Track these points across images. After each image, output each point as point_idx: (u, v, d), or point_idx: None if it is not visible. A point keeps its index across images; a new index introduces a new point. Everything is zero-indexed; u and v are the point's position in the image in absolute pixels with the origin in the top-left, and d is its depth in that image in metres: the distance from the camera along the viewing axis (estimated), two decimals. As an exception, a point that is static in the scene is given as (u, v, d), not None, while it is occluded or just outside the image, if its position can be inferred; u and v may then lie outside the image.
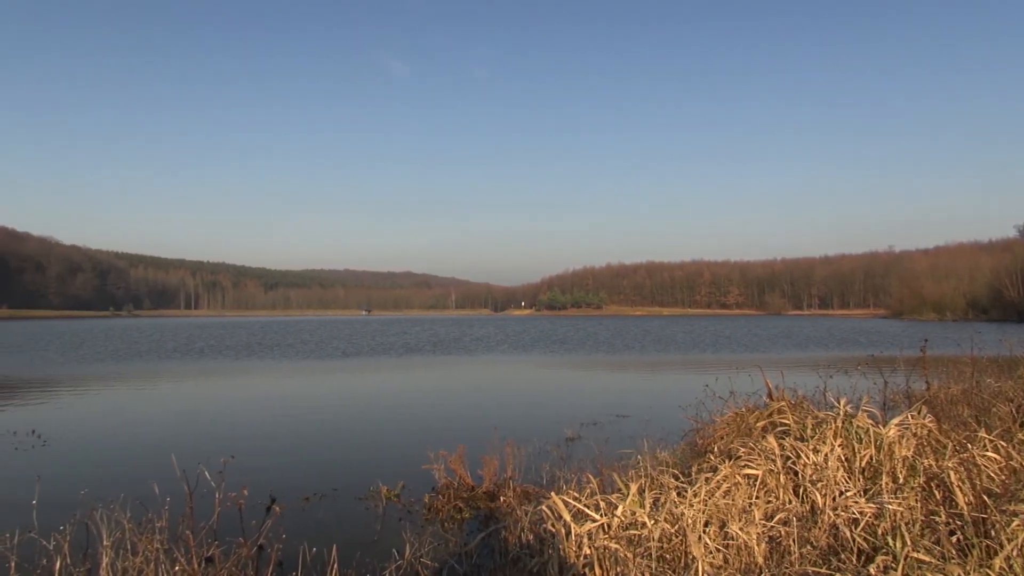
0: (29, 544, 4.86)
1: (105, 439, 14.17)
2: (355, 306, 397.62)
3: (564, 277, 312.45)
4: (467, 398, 21.05)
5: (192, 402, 20.72)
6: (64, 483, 9.78)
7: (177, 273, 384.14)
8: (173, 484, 5.65)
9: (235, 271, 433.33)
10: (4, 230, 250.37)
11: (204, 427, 15.73)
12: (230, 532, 5.05)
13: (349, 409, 18.44)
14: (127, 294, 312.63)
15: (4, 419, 16.33)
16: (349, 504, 9.09)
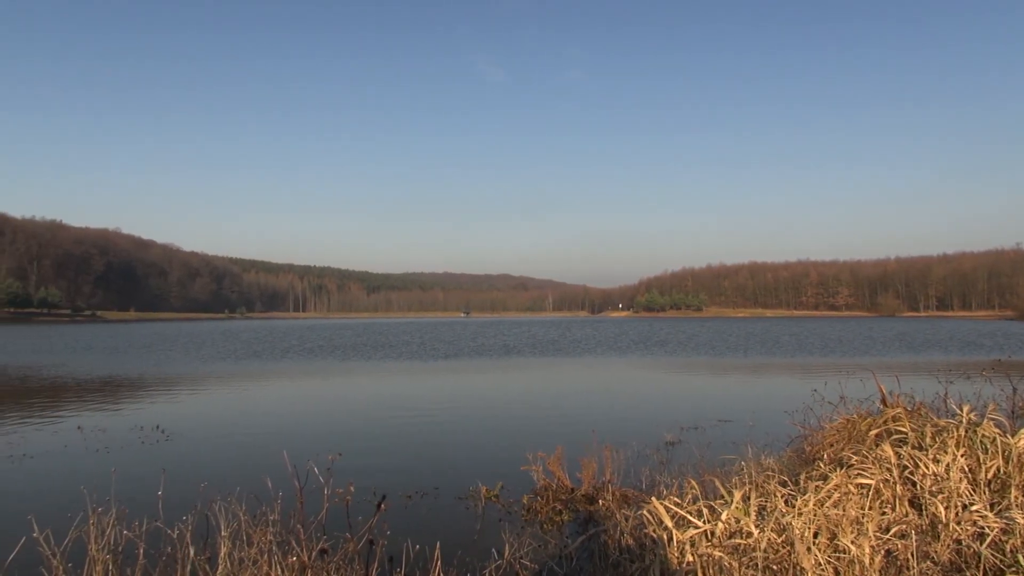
0: (156, 532, 5.19)
1: (222, 435, 14.95)
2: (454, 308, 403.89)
3: (662, 279, 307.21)
4: (564, 400, 21.02)
5: (302, 401, 21.57)
6: (186, 476, 10.37)
7: (286, 277, 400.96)
8: (285, 479, 5.91)
9: (339, 275, 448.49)
10: (131, 238, 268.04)
11: (313, 425, 16.35)
12: (338, 527, 5.22)
13: (449, 409, 18.75)
14: (241, 297, 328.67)
15: (132, 416, 17.47)
16: (450, 503, 9.24)
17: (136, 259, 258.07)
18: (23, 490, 10.09)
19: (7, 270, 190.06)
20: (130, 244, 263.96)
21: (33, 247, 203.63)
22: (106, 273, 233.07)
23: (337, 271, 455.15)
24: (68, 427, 15.49)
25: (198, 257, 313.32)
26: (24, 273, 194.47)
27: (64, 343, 57.18)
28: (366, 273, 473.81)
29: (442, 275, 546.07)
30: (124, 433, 14.62)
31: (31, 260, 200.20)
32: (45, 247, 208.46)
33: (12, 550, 4.62)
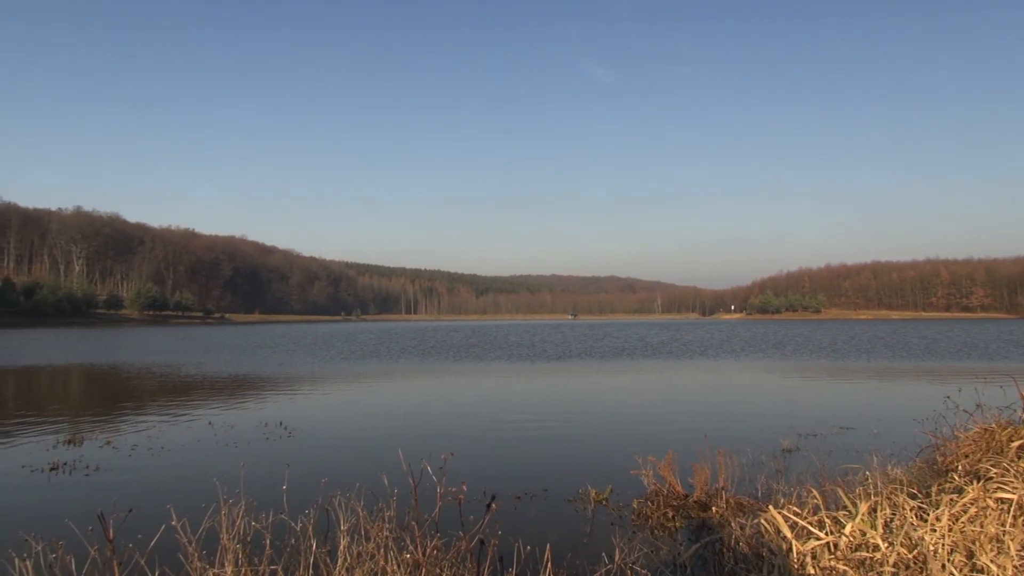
0: (280, 525, 5.45)
1: (341, 432, 15.55)
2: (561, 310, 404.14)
3: (777, 279, 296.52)
4: (675, 403, 20.62)
5: (417, 400, 22.14)
6: (308, 471, 10.84)
7: (398, 281, 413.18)
8: (400, 477, 6.08)
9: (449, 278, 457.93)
10: (256, 245, 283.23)
11: (427, 424, 16.75)
12: (451, 525, 5.33)
13: (558, 411, 18.77)
14: (356, 300, 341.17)
15: (257, 413, 18.44)
16: (559, 505, 9.24)
17: (260, 264, 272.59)
18: (162, 481, 10.83)
19: (147, 276, 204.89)
20: (254, 250, 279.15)
21: (169, 254, 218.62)
22: (233, 278, 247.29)
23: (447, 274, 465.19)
24: (200, 422, 16.52)
25: (316, 262, 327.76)
26: (161, 278, 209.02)
27: (197, 344, 61.05)
28: (475, 276, 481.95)
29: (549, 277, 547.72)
30: (250, 429, 15.45)
31: (167, 266, 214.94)
32: (180, 254, 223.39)
33: (154, 537, 4.97)
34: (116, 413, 18.86)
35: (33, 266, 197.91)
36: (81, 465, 11.71)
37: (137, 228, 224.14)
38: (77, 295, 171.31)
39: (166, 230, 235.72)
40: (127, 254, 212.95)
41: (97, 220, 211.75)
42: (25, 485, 10.49)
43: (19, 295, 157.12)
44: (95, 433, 15.01)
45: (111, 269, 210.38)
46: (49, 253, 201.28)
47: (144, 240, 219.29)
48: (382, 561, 4.92)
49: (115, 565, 4.46)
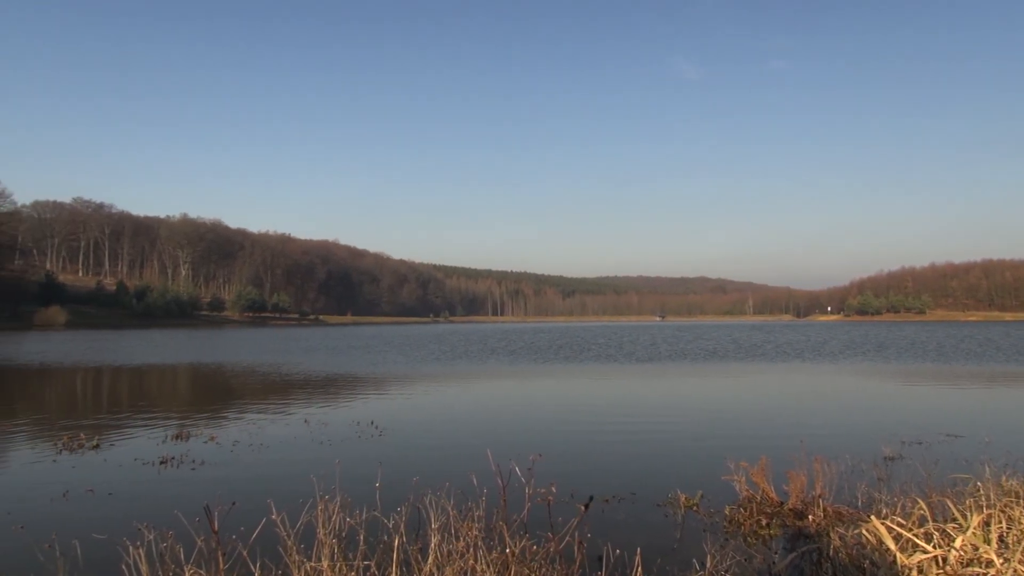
0: (374, 521, 5.59)
1: (431, 431, 15.82)
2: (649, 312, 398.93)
3: (877, 279, 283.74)
4: (768, 407, 20.02)
5: (505, 401, 22.30)
6: (399, 470, 11.07)
7: (485, 283, 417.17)
8: (489, 476, 6.13)
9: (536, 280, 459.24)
10: (348, 248, 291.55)
11: (515, 424, 16.83)
12: (539, 526, 5.34)
13: (647, 413, 18.53)
14: (444, 302, 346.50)
15: (350, 411, 18.97)
16: (647, 509, 9.12)
17: (352, 267, 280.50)
18: (262, 476, 11.28)
19: (247, 279, 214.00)
20: (347, 254, 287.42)
21: (267, 258, 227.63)
22: (327, 280, 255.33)
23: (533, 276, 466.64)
24: (296, 420, 17.12)
25: (406, 265, 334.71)
26: (260, 281, 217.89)
27: (294, 344, 63.32)
28: (561, 278, 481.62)
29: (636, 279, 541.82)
30: (343, 427, 15.91)
31: (266, 270, 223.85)
32: (277, 258, 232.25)
33: (255, 529, 5.18)
34: (219, 410, 19.77)
35: (144, 270, 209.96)
36: (188, 459, 12.33)
37: (238, 233, 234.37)
38: (183, 298, 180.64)
39: (264, 235, 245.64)
40: (228, 258, 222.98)
41: (201, 226, 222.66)
42: (138, 477, 11.13)
43: (132, 298, 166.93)
44: (200, 429, 15.78)
45: (214, 273, 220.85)
46: (158, 258, 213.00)
47: (244, 245, 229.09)
48: (472, 560, 4.98)
49: (220, 555, 4.67)
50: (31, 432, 15.84)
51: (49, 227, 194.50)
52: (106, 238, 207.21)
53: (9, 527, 8.14)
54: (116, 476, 11.17)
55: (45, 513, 8.97)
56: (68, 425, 16.33)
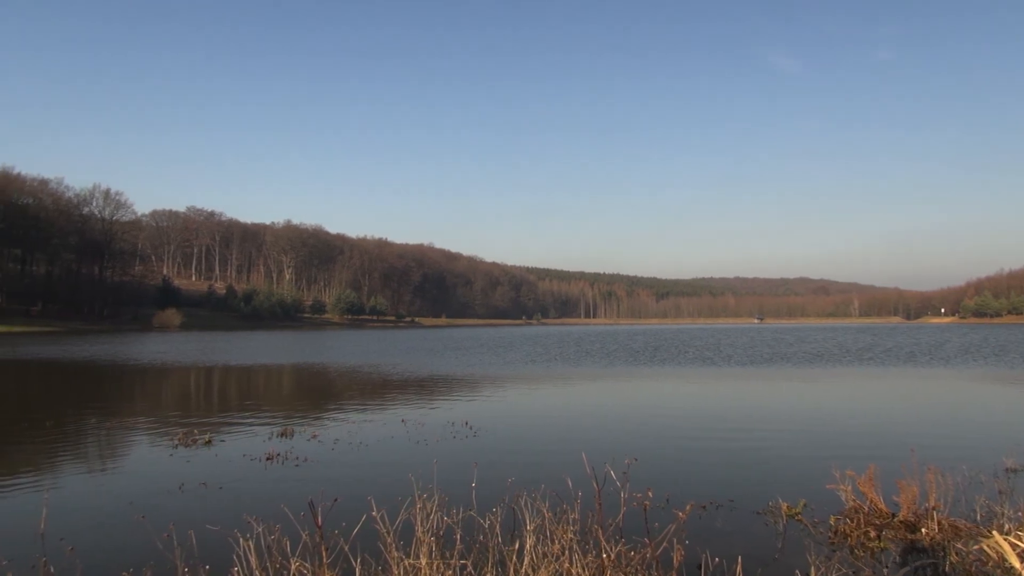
0: (470, 521, 5.67)
1: (524, 433, 15.90)
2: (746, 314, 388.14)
3: (997, 279, 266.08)
4: (876, 413, 19.09)
5: (599, 403, 22.17)
6: (494, 470, 11.17)
7: (577, 285, 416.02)
8: (583, 479, 6.10)
9: (629, 281, 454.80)
10: (443, 252, 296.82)
11: (609, 427, 16.70)
12: (635, 531, 5.28)
13: (745, 417, 18.03)
14: (536, 304, 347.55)
15: (445, 412, 19.28)
16: (747, 517, 8.86)
17: (446, 271, 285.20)
18: (362, 474, 11.62)
19: (346, 282, 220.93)
20: (441, 257, 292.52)
21: (365, 262, 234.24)
22: (422, 284, 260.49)
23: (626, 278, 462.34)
24: (394, 420, 17.53)
25: (499, 268, 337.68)
26: (358, 284, 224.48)
27: (391, 345, 64.90)
28: (655, 279, 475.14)
29: (733, 280, 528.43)
30: (439, 427, 16.18)
31: (364, 273, 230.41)
32: (374, 262, 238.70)
33: (356, 525, 5.34)
34: (321, 409, 20.48)
35: (251, 275, 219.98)
36: (292, 456, 12.83)
37: (337, 239, 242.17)
38: (287, 301, 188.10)
39: (362, 240, 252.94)
40: (329, 263, 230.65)
41: (304, 232, 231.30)
42: (246, 472, 11.66)
43: (240, 301, 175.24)
44: (303, 427, 16.39)
45: (315, 276, 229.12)
46: (264, 263, 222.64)
47: (343, 249, 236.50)
48: (567, 563, 4.97)
49: (323, 549, 4.84)
50: (151, 428, 16.85)
51: (165, 235, 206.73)
52: (216, 244, 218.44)
53: (132, 517, 8.68)
54: (226, 471, 11.74)
55: (163, 504, 9.52)
56: (183, 422, 17.28)
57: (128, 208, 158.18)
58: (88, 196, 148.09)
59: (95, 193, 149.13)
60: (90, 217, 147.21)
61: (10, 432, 16.17)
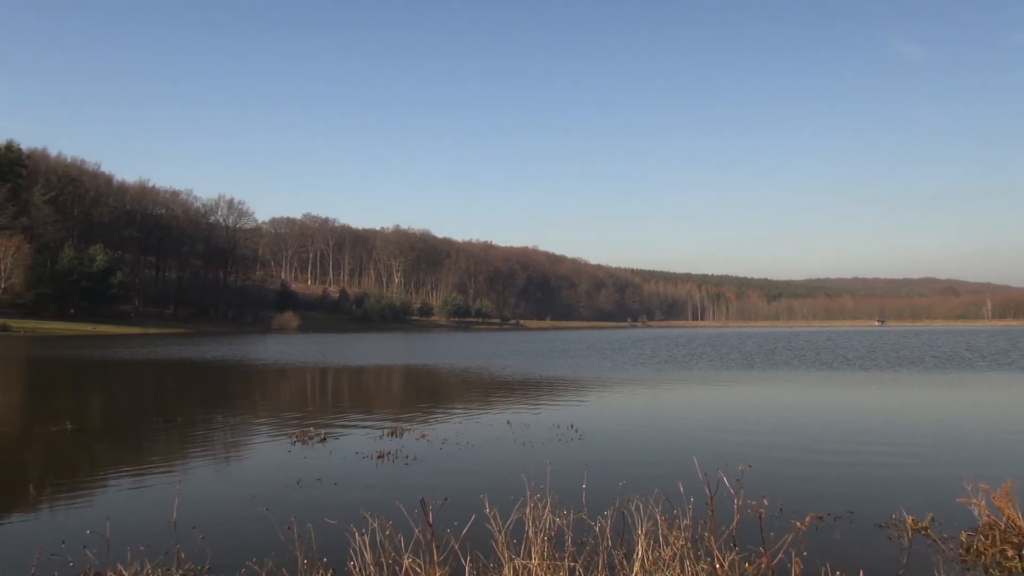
0: (580, 523, 5.66)
1: (632, 436, 15.71)
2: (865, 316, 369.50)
3: None
4: (1013, 423, 17.75)
5: (709, 407, 21.67)
6: (603, 473, 11.11)
7: (684, 286, 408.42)
8: (695, 485, 5.98)
9: (738, 283, 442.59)
10: (547, 254, 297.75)
11: (721, 432, 16.29)
12: (749, 539, 5.13)
13: (865, 423, 17.17)
14: (641, 306, 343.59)
15: (550, 414, 19.31)
16: (868, 530, 8.44)
17: (550, 273, 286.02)
18: (470, 473, 11.81)
19: (452, 285, 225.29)
20: (545, 260, 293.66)
21: (471, 265, 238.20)
22: (527, 286, 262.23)
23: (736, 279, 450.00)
24: (499, 421, 17.72)
25: (603, 269, 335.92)
26: (464, 287, 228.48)
27: (497, 347, 65.64)
28: (766, 280, 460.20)
29: (851, 280, 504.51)
30: (544, 429, 16.23)
31: (469, 276, 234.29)
32: (479, 265, 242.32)
33: (466, 524, 5.43)
34: (429, 409, 20.94)
35: (362, 279, 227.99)
36: (401, 455, 13.18)
37: (444, 242, 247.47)
38: (396, 303, 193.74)
39: (468, 243, 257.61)
40: (436, 266, 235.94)
41: (412, 236, 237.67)
42: (359, 469, 12.07)
43: (352, 304, 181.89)
44: (412, 426, 16.81)
45: (423, 280, 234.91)
46: (374, 267, 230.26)
47: (450, 253, 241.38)
48: (678, 569, 4.88)
49: (435, 547, 4.95)
50: (270, 425, 17.73)
51: (283, 241, 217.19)
52: (330, 249, 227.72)
53: (256, 509, 9.15)
54: (340, 467, 12.19)
55: (283, 497, 9.99)
56: (300, 420, 18.06)
57: (249, 216, 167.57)
58: (214, 206, 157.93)
59: (220, 203, 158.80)
60: (216, 225, 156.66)
61: (147, 428, 17.37)
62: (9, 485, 11.10)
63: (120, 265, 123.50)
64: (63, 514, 9.50)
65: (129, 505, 9.81)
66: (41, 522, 9.17)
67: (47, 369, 36.47)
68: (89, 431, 16.20)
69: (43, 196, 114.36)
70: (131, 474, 11.98)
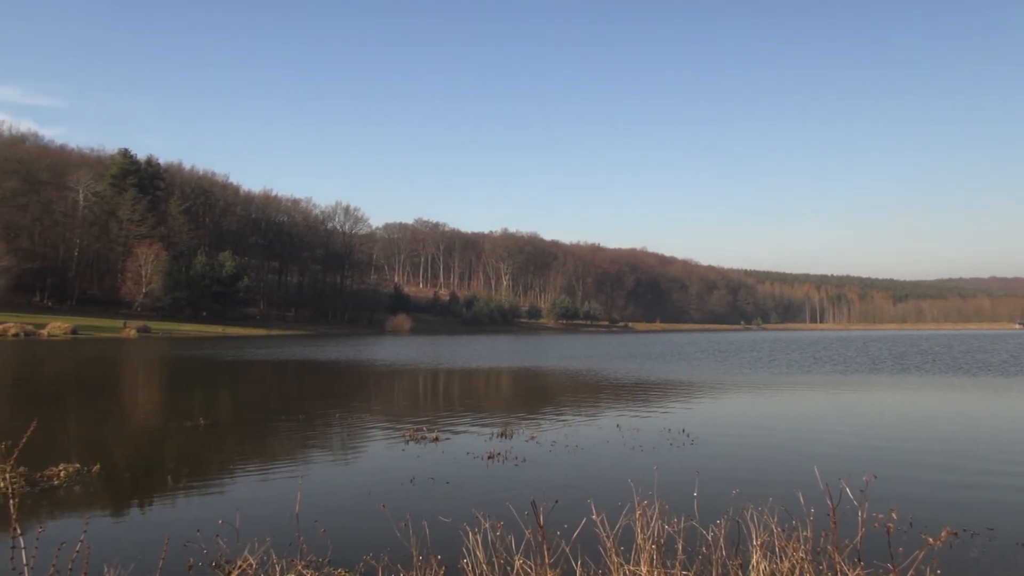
0: (691, 531, 5.51)
1: (747, 442, 15.23)
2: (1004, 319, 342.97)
3: None
4: None
5: (830, 413, 20.75)
6: (716, 480, 10.83)
7: (802, 288, 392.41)
8: (815, 495, 5.70)
9: (861, 283, 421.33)
10: (656, 256, 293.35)
11: (842, 439, 15.55)
12: (875, 555, 4.85)
13: (1008, 435, 15.95)
14: (756, 308, 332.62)
15: (660, 418, 18.98)
16: (1009, 548, 7.83)
17: (660, 275, 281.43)
18: (579, 476, 11.77)
19: (560, 288, 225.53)
20: (655, 261, 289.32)
21: (579, 267, 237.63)
22: (635, 288, 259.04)
23: (858, 279, 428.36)
24: (609, 424, 17.57)
25: (715, 271, 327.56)
26: (572, 290, 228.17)
27: (606, 350, 65.19)
28: (891, 281, 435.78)
29: (988, 280, 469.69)
30: (654, 433, 15.97)
31: (577, 279, 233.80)
32: (587, 267, 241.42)
33: (576, 528, 5.40)
34: (538, 411, 21.03)
35: (471, 282, 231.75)
36: (511, 456, 13.29)
37: (551, 245, 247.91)
38: (505, 306, 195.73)
39: (575, 246, 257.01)
40: (543, 269, 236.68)
41: (519, 239, 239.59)
42: (469, 469, 12.26)
43: (461, 307, 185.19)
44: (521, 428, 16.91)
45: (531, 282, 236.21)
46: (483, 270, 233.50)
47: (557, 255, 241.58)
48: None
49: (545, 549, 4.94)
50: (385, 424, 18.27)
51: (396, 245, 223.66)
52: (440, 253, 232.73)
53: (373, 505, 9.46)
54: (452, 467, 12.41)
55: (398, 495, 10.27)
56: (413, 419, 18.52)
57: (364, 222, 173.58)
58: (331, 212, 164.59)
59: (337, 210, 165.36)
60: (333, 231, 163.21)
61: (271, 424, 18.28)
62: (151, 476, 11.94)
63: (246, 270, 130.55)
64: (197, 503, 10.14)
65: (256, 497, 10.36)
66: (177, 510, 9.81)
67: (183, 368, 39.06)
68: (220, 426, 17.21)
69: (179, 207, 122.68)
70: (257, 467, 12.65)
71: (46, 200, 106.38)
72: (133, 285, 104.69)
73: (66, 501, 9.94)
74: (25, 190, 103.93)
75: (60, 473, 11.22)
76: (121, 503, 10.18)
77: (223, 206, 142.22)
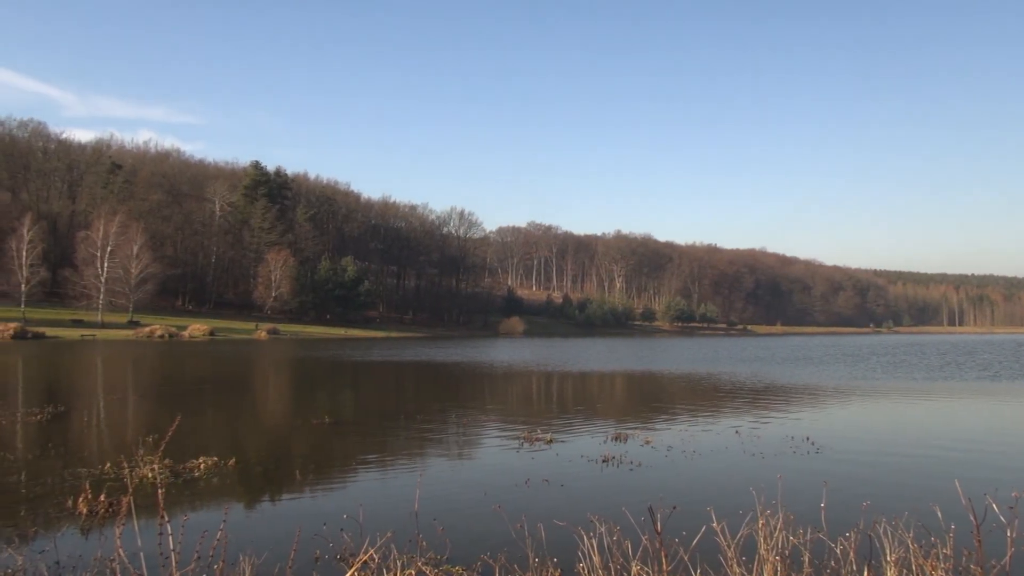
0: (818, 544, 5.26)
1: (877, 452, 14.42)
2: None
3: None
4: None
5: (972, 423, 19.39)
6: (844, 491, 10.30)
7: (938, 289, 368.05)
8: (956, 510, 5.32)
9: (1006, 283, 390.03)
10: (776, 256, 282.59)
11: (985, 451, 14.51)
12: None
13: None
14: (886, 310, 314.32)
15: (782, 425, 18.25)
16: None
17: (781, 276, 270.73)
18: (697, 483, 11.50)
19: (675, 290, 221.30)
20: (775, 262, 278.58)
21: (695, 269, 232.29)
22: (755, 290, 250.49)
23: (1003, 279, 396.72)
24: (727, 430, 17.05)
25: (841, 271, 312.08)
26: (688, 292, 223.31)
27: (724, 353, 63.37)
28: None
29: None
30: (776, 441, 15.37)
31: (693, 280, 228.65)
32: (704, 268, 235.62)
33: (695, 535, 5.25)
34: (653, 415, 20.68)
35: (584, 284, 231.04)
36: (626, 460, 13.13)
37: (666, 246, 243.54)
38: (618, 309, 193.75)
39: (691, 247, 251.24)
40: (658, 271, 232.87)
41: (633, 241, 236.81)
42: (584, 472, 12.20)
43: (575, 309, 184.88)
44: (636, 432, 16.67)
45: (645, 285, 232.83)
46: (596, 272, 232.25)
47: (672, 257, 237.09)
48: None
49: (663, 556, 4.85)
50: (500, 425, 18.48)
51: (509, 249, 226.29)
52: (553, 256, 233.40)
53: (488, 505, 9.59)
54: (566, 469, 12.40)
55: (513, 496, 10.36)
56: (527, 421, 18.64)
57: (478, 226, 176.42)
58: (447, 217, 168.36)
59: (452, 215, 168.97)
60: (448, 236, 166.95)
61: (390, 423, 18.87)
62: (281, 470, 12.58)
63: (367, 275, 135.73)
64: (322, 498, 10.61)
65: (377, 493, 10.73)
66: (304, 503, 10.30)
67: (309, 368, 40.97)
68: (343, 424, 17.92)
69: (305, 215, 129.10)
70: (378, 465, 13.10)
71: (187, 211, 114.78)
72: (264, 289, 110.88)
73: (206, 492, 10.63)
74: (168, 202, 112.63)
75: (200, 466, 12.01)
76: (254, 495, 10.79)
77: (345, 213, 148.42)
